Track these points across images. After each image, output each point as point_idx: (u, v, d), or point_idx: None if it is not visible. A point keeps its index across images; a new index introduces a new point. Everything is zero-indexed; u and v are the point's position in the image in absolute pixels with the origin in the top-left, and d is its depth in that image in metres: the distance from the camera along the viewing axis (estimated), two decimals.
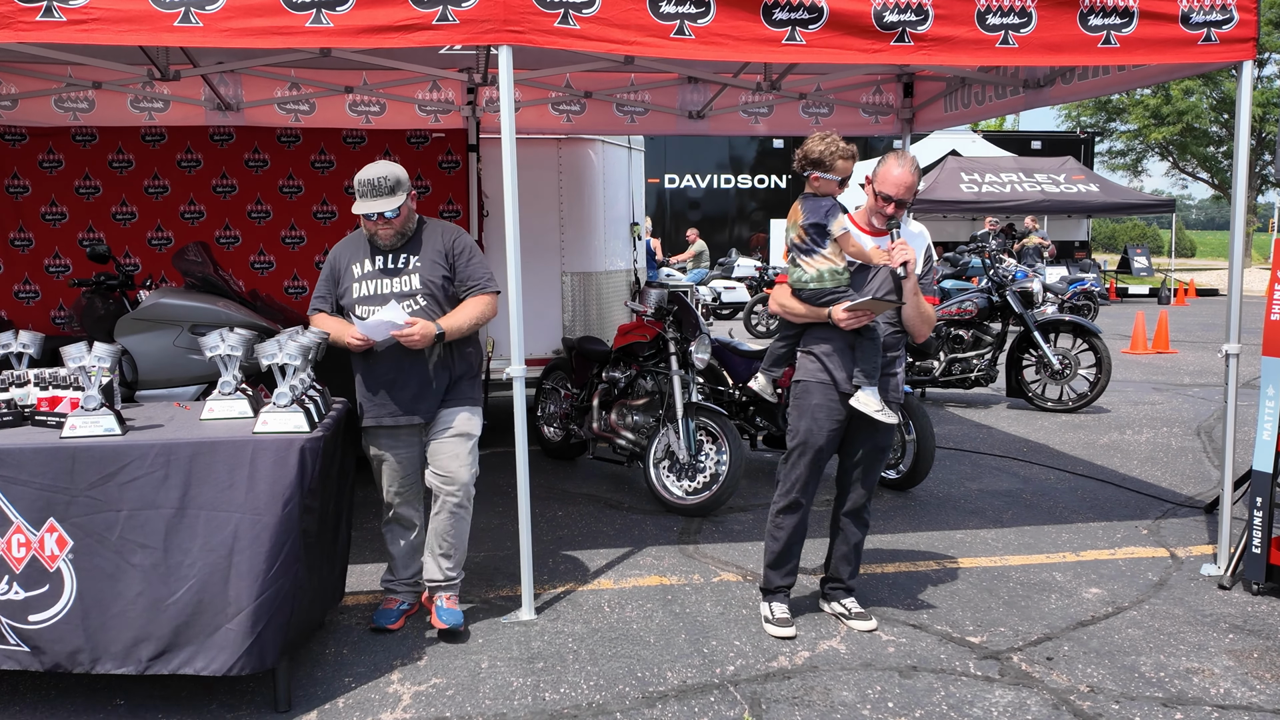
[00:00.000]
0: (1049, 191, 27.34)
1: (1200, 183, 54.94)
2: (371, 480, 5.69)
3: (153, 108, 9.39)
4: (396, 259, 5.47)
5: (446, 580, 5.63)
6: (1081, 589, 6.23)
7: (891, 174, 5.37)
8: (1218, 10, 6.00)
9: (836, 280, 5.39)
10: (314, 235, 9.44)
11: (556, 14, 5.33)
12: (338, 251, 5.59)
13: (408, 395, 5.48)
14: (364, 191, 5.28)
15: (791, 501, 5.60)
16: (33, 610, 4.48)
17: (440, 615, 5.55)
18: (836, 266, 5.39)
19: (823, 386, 5.47)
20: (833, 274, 5.39)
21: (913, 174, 5.40)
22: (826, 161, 5.32)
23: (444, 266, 5.50)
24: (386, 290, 5.43)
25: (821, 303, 5.41)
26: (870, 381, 5.40)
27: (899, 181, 5.35)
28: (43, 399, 4.91)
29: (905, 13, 5.71)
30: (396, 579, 5.81)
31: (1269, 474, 6.01)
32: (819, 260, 5.39)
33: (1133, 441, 10.43)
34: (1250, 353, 7.17)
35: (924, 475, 8.38)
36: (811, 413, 5.50)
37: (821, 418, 5.48)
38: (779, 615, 5.64)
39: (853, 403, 5.41)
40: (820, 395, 5.47)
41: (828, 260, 5.38)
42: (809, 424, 5.50)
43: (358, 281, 5.46)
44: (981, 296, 12.59)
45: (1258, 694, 4.84)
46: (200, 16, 4.96)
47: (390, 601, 5.79)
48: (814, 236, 5.38)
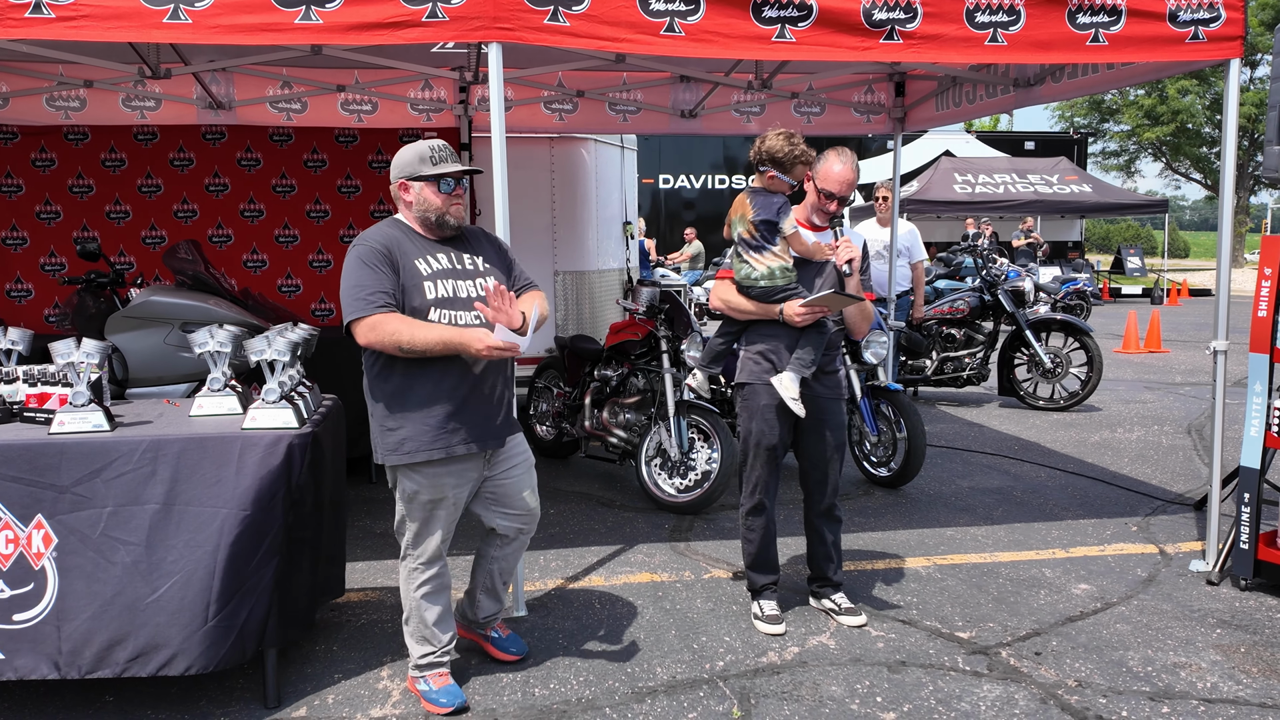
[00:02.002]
0: (1042, 192, 27.41)
1: (1193, 183, 55.10)
2: (364, 479, 5.66)
3: (144, 106, 9.40)
4: (460, 258, 4.66)
5: (504, 607, 5.35)
6: (1071, 585, 6.25)
7: (834, 171, 5.42)
8: (1205, 9, 6.03)
9: (787, 278, 5.39)
10: (306, 234, 9.45)
11: (546, 11, 5.33)
12: (387, 244, 4.51)
13: (482, 417, 4.66)
14: (442, 155, 4.60)
15: (756, 503, 5.65)
16: (17, 609, 4.46)
17: (508, 646, 5.22)
18: (787, 264, 5.40)
19: (769, 387, 5.46)
20: (783, 271, 5.39)
21: (854, 171, 5.46)
22: (786, 163, 5.32)
23: (503, 267, 4.85)
24: (465, 294, 4.57)
25: (774, 300, 5.41)
26: (802, 369, 5.40)
27: (841, 178, 5.42)
28: (31, 395, 4.92)
29: (894, 10, 5.72)
30: (439, 648, 4.83)
31: (1257, 470, 6.03)
32: (769, 257, 5.38)
33: (1123, 439, 10.46)
34: (1239, 350, 7.19)
35: (915, 473, 8.40)
36: (761, 413, 5.51)
37: (771, 417, 5.50)
38: (769, 612, 5.65)
39: (772, 380, 5.41)
40: (768, 395, 5.47)
41: (778, 258, 5.38)
42: (760, 425, 5.52)
43: (429, 280, 4.51)
44: (974, 295, 12.64)
45: (1244, 688, 4.86)
46: (189, 13, 4.96)
47: (442, 677, 4.82)
48: (765, 233, 5.37)
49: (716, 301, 5.67)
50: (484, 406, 4.64)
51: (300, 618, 4.97)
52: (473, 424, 4.59)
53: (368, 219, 9.38)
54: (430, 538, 4.71)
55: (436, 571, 4.77)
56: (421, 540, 4.71)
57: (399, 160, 4.63)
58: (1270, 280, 5.99)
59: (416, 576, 4.74)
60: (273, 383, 4.80)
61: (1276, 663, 5.14)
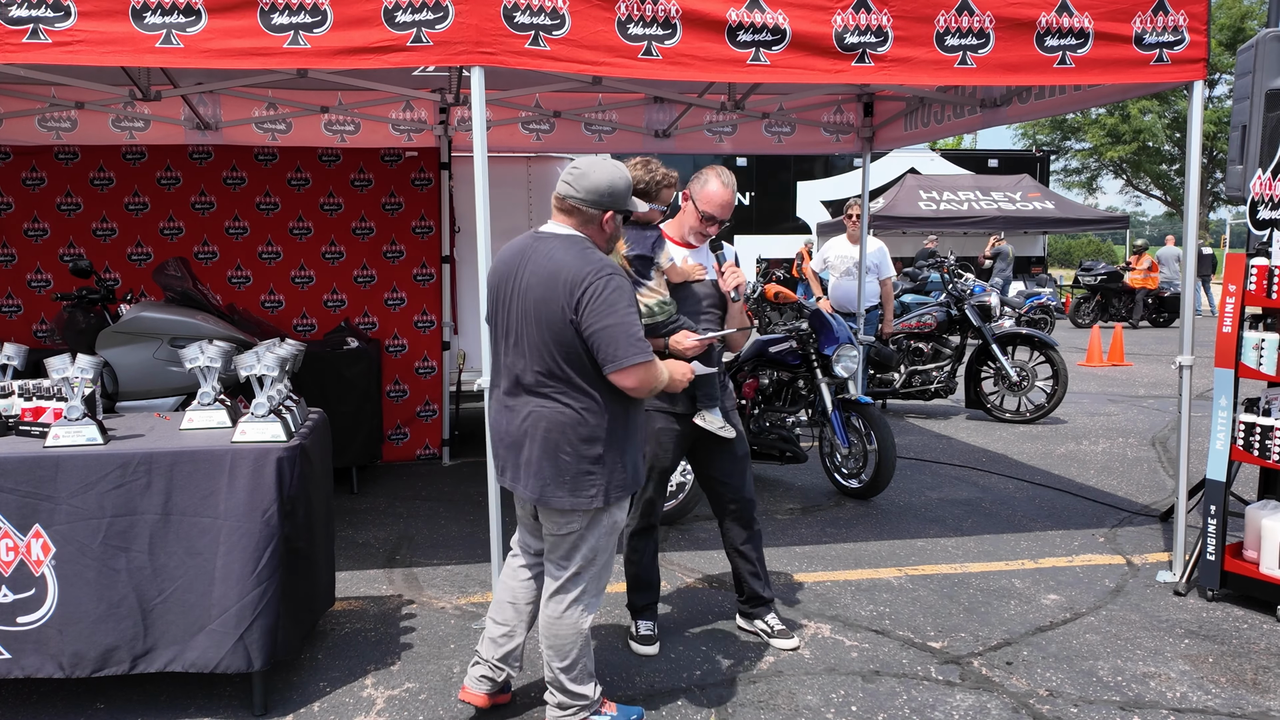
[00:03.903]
0: (1005, 208, 27.62)
1: (1153, 199, 55.64)
2: (346, 489, 5.69)
3: (133, 127, 9.49)
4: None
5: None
6: (1040, 595, 6.35)
7: (713, 193, 5.34)
8: (1169, 32, 6.17)
9: (666, 311, 5.17)
10: (290, 251, 9.52)
11: (527, 35, 5.44)
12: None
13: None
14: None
15: (646, 525, 5.58)
16: (20, 613, 4.58)
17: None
18: (664, 298, 5.21)
19: (663, 414, 5.42)
20: (662, 305, 5.17)
21: (732, 193, 5.36)
22: (651, 191, 5.23)
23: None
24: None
25: (660, 335, 5.13)
26: (711, 403, 5.39)
27: (721, 200, 5.33)
28: (26, 409, 5.00)
29: (865, 34, 5.84)
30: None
31: (1222, 482, 6.14)
32: (647, 294, 5.14)
33: (1089, 451, 10.61)
34: (1204, 364, 7.34)
35: (885, 485, 8.51)
36: (656, 437, 5.43)
37: (666, 440, 5.45)
38: (644, 633, 5.62)
39: (697, 421, 5.37)
40: (662, 420, 5.42)
41: (654, 293, 5.18)
42: (654, 449, 5.44)
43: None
44: (940, 310, 12.77)
45: (1213, 697, 4.95)
46: (181, 38, 5.06)
47: (608, 704, 4.71)
48: (639, 268, 5.17)
49: None
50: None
51: (305, 627, 5.07)
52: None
53: (349, 236, 9.46)
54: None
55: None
56: (607, 574, 4.59)
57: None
58: (1234, 296, 6.14)
59: (590, 615, 4.52)
60: (262, 397, 4.90)
61: (1244, 673, 5.24)
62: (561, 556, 4.43)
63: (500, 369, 4.41)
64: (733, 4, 5.64)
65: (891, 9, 5.84)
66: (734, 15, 5.65)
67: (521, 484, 4.34)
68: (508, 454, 4.39)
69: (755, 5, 5.67)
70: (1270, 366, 6.02)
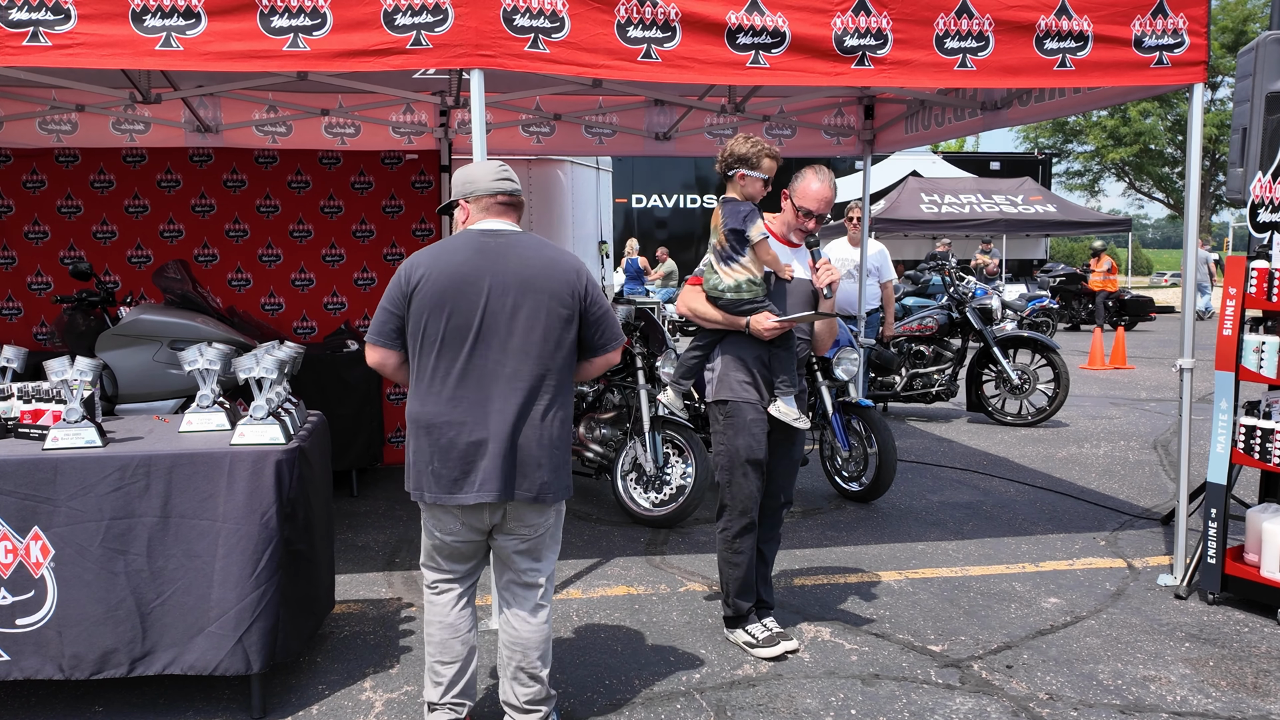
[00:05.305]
0: (1007, 211, 27.57)
1: (1156, 202, 55.62)
2: (346, 491, 5.70)
3: (134, 130, 9.48)
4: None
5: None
6: (1040, 599, 6.34)
7: (811, 189, 5.38)
8: (1169, 34, 6.17)
9: (754, 291, 5.30)
10: (290, 253, 9.53)
11: (527, 38, 5.45)
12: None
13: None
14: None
15: (748, 522, 5.49)
16: (19, 615, 4.58)
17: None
18: (754, 277, 5.30)
19: (751, 404, 5.42)
20: (750, 284, 5.29)
21: (831, 189, 5.41)
22: (753, 159, 5.24)
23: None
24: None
25: (740, 312, 5.33)
26: (790, 390, 5.41)
27: (819, 196, 5.37)
28: (25, 412, 4.99)
29: (865, 37, 5.84)
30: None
31: (1223, 485, 6.13)
32: (737, 270, 5.29)
33: (1090, 455, 10.61)
34: (1205, 368, 7.33)
35: (886, 488, 8.50)
36: (748, 428, 5.40)
37: (758, 431, 5.42)
38: (763, 636, 5.55)
39: (772, 411, 5.39)
40: (753, 412, 5.41)
41: (745, 270, 5.29)
42: (748, 440, 5.40)
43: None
44: (942, 313, 12.77)
45: (1213, 701, 4.94)
46: (181, 41, 5.06)
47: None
48: (733, 243, 5.29)
49: (682, 308, 5.59)
50: None
51: (307, 629, 5.07)
52: None
53: (349, 238, 9.47)
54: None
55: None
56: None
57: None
58: (1235, 299, 6.13)
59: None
60: (260, 400, 4.89)
61: (1245, 676, 5.23)
62: (534, 559, 4.38)
63: (455, 373, 4.14)
64: (732, 7, 5.64)
65: (891, 11, 5.84)
66: (733, 18, 5.65)
67: (500, 488, 4.12)
68: (474, 460, 4.13)
69: (755, 8, 5.67)
70: (1271, 369, 6.01)
